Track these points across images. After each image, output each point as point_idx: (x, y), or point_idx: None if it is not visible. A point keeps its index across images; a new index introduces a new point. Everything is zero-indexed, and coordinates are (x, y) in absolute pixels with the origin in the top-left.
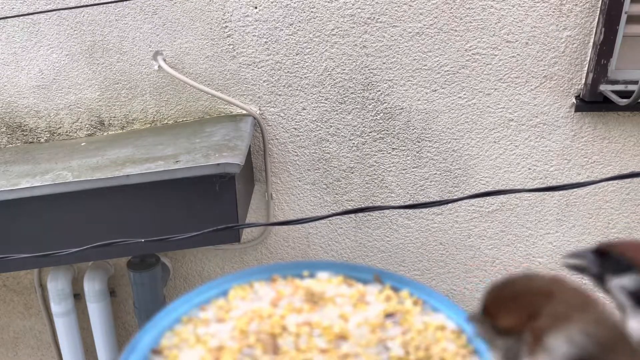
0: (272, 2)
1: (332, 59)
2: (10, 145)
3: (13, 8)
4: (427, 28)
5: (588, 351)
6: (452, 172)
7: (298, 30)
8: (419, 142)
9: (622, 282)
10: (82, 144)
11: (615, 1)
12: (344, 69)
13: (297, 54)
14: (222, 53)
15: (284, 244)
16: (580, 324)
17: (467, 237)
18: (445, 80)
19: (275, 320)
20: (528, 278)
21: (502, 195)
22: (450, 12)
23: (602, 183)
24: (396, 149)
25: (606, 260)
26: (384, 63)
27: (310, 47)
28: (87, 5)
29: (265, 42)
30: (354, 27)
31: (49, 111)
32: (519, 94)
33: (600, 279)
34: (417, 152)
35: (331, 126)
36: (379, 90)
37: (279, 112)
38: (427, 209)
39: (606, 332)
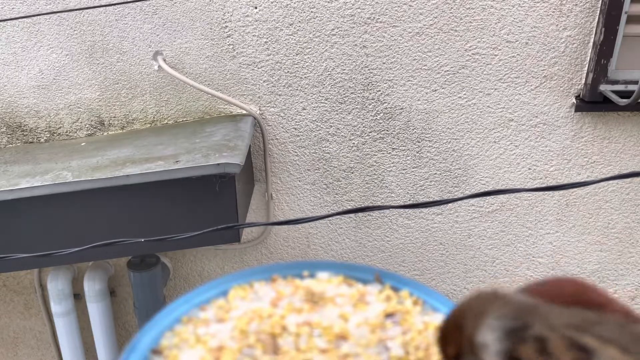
0: (272, 2)
1: (332, 59)
2: (10, 145)
3: (13, 8)
4: (427, 28)
5: (510, 325)
6: (452, 172)
7: (298, 30)
8: (419, 142)
9: None
10: (82, 144)
11: (615, 1)
12: (344, 69)
13: (297, 54)
14: (222, 53)
15: (284, 244)
16: (492, 312)
17: (467, 237)
18: (445, 80)
19: (275, 320)
20: (453, 309)
21: (502, 195)
22: (450, 12)
23: (602, 183)
24: (396, 149)
25: None
26: (384, 63)
27: (310, 47)
28: (87, 8)
29: (265, 42)
30: (354, 27)
31: (49, 111)
32: (519, 94)
33: None
34: (417, 152)
35: (331, 126)
36: (379, 90)
37: (279, 112)
38: (427, 209)
39: (515, 306)
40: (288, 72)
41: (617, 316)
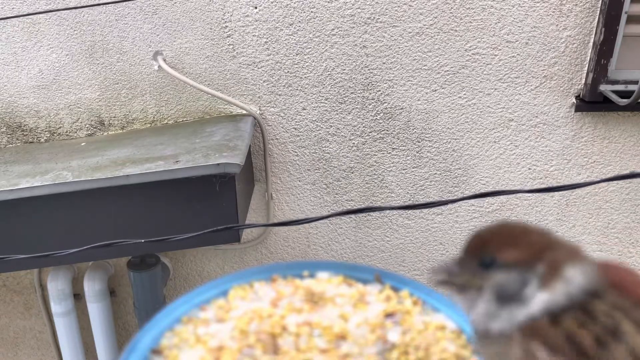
0: (272, 2)
1: (332, 59)
2: (10, 145)
3: (13, 8)
4: (427, 28)
5: (596, 286)
6: (452, 172)
7: (298, 30)
8: (419, 142)
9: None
10: (82, 144)
11: (615, 1)
12: (344, 69)
13: (297, 54)
14: (222, 53)
15: (284, 244)
16: (588, 262)
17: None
18: (445, 80)
19: (275, 320)
20: (521, 222)
21: (502, 195)
22: (450, 12)
23: (602, 183)
24: (396, 149)
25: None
26: (384, 63)
27: (310, 47)
28: (87, 6)
29: (265, 42)
30: (354, 27)
31: (49, 111)
32: (519, 94)
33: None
34: (417, 152)
35: (331, 126)
36: (379, 90)
37: (279, 112)
38: (427, 209)
39: (601, 274)
40: (288, 72)
41: None
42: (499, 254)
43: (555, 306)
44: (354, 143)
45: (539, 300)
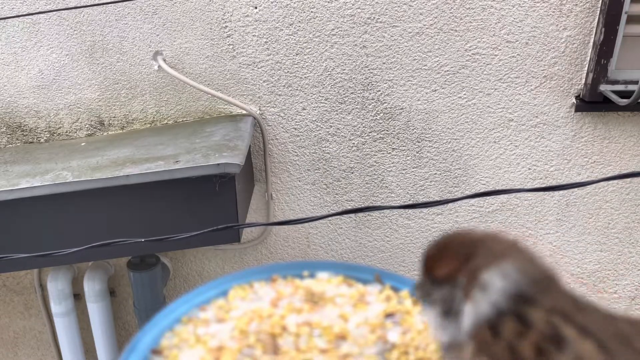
0: (272, 2)
1: (332, 59)
2: (10, 145)
3: (13, 8)
4: (427, 28)
5: (522, 288)
6: (452, 172)
7: (298, 30)
8: (419, 142)
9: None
10: (82, 144)
11: (615, 1)
12: (344, 69)
13: (297, 54)
14: (222, 53)
15: (284, 244)
16: (515, 261)
17: None
18: (445, 80)
19: (275, 320)
20: (461, 232)
21: (502, 195)
22: (450, 12)
23: (602, 183)
24: (396, 149)
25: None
26: (384, 63)
27: (310, 47)
28: (87, 6)
29: (265, 42)
30: (354, 27)
31: (49, 111)
32: (519, 94)
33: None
34: (417, 152)
35: (331, 126)
36: (379, 90)
37: (279, 112)
38: (427, 209)
39: (539, 271)
40: (288, 72)
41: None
42: (433, 272)
43: (483, 316)
44: (354, 143)
45: (466, 312)
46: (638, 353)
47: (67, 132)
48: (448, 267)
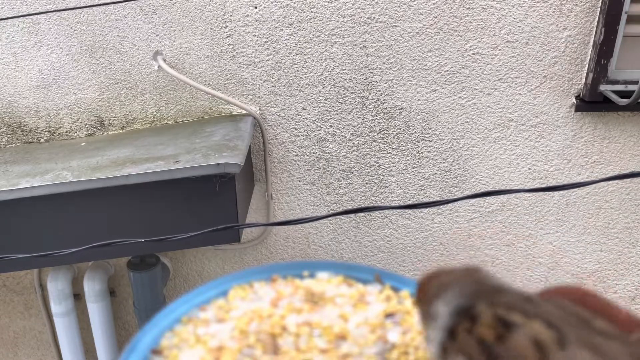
0: (272, 2)
1: (332, 59)
2: (10, 145)
3: (13, 8)
4: (427, 28)
5: (461, 304)
6: (452, 172)
7: (298, 30)
8: (419, 142)
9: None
10: (82, 144)
11: (615, 1)
12: (344, 69)
13: (297, 54)
14: (222, 53)
15: (284, 244)
16: (456, 287)
17: (467, 237)
18: (445, 80)
19: (275, 320)
20: (431, 271)
21: (502, 195)
22: (450, 12)
23: (602, 183)
24: (396, 149)
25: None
26: (384, 63)
27: (310, 47)
28: (87, 6)
29: (265, 42)
30: (354, 27)
31: (49, 111)
32: (519, 94)
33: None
34: (417, 152)
35: (331, 126)
36: (379, 90)
37: (279, 112)
38: (427, 209)
39: (478, 286)
40: (288, 72)
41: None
42: (417, 309)
43: (442, 338)
44: (354, 143)
45: (433, 340)
46: (594, 332)
47: (67, 132)
48: (421, 307)
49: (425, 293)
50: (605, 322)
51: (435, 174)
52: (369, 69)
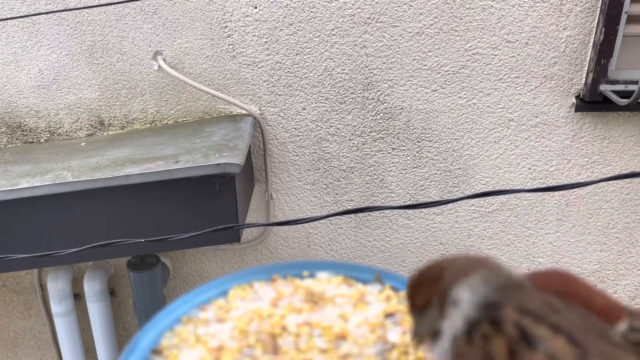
0: (272, 2)
1: (332, 59)
2: (10, 145)
3: (13, 8)
4: (427, 28)
5: (489, 296)
6: (452, 172)
7: (298, 30)
8: (419, 142)
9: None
10: (82, 144)
11: (615, 1)
12: (344, 69)
13: (297, 54)
14: (222, 53)
15: (284, 244)
16: (479, 273)
17: (467, 237)
18: (445, 80)
19: (275, 320)
20: (430, 262)
21: (502, 195)
22: (450, 12)
23: (602, 183)
24: (396, 149)
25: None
26: (384, 63)
27: (310, 47)
28: (87, 7)
29: (265, 42)
30: (354, 27)
31: (49, 111)
32: (519, 94)
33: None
34: (417, 152)
35: (331, 126)
36: (379, 90)
37: (279, 112)
38: (427, 209)
39: (505, 279)
40: (288, 72)
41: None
42: (412, 304)
43: (459, 329)
44: (354, 143)
45: (444, 330)
46: (612, 344)
47: (67, 132)
48: (423, 295)
49: (436, 281)
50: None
51: (435, 174)
52: (369, 69)
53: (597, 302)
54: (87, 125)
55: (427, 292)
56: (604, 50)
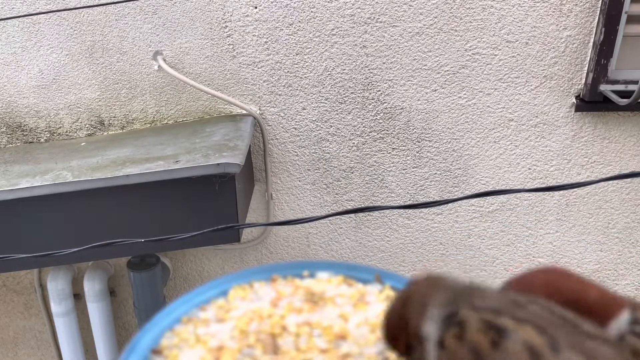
0: (272, 2)
1: (332, 59)
2: (10, 145)
3: (13, 8)
4: (427, 28)
5: (443, 314)
6: (452, 172)
7: (298, 30)
8: (419, 142)
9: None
10: (82, 144)
11: (615, 1)
12: (344, 69)
13: (297, 54)
14: (222, 53)
15: (284, 244)
16: (434, 301)
17: (467, 237)
18: (445, 80)
19: (275, 320)
20: (394, 300)
21: (502, 195)
22: (450, 12)
23: (602, 183)
24: (396, 149)
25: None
26: (384, 63)
27: (310, 47)
28: (87, 6)
29: (265, 42)
30: (354, 27)
31: (49, 111)
32: (519, 94)
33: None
34: (417, 152)
35: (331, 126)
36: (379, 90)
37: (279, 112)
38: (427, 209)
39: (455, 291)
40: (288, 72)
41: (545, 300)
42: (395, 349)
43: (435, 353)
44: (354, 143)
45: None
46: (584, 336)
47: (67, 132)
48: (401, 342)
49: (405, 325)
50: (593, 325)
51: (435, 174)
52: (369, 69)
53: (590, 295)
54: (87, 125)
55: (402, 338)
56: (604, 50)
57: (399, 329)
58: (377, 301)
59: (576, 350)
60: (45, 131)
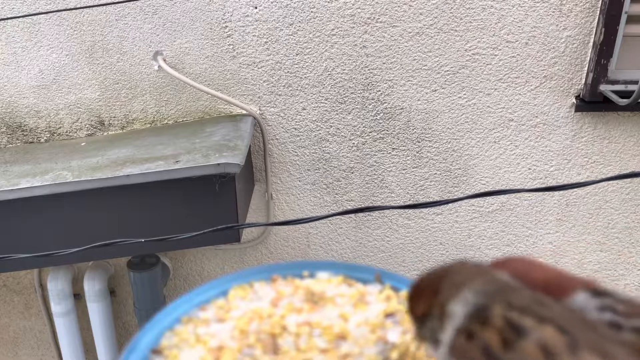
0: (272, 2)
1: (332, 59)
2: (10, 145)
3: (13, 8)
4: (427, 28)
5: (479, 303)
6: (452, 172)
7: (298, 30)
8: (419, 142)
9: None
10: (82, 144)
11: (615, 1)
12: (344, 69)
13: (297, 54)
14: (222, 53)
15: (284, 244)
16: (472, 286)
17: (467, 237)
18: (445, 80)
19: (275, 320)
20: (432, 270)
21: (502, 195)
22: (450, 12)
23: (602, 183)
24: (396, 149)
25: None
26: (384, 63)
27: (310, 47)
28: (87, 6)
29: (265, 42)
30: (354, 27)
31: (49, 111)
32: (519, 94)
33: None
34: (417, 152)
35: (331, 126)
36: (379, 90)
37: (279, 112)
38: (427, 209)
39: (494, 285)
40: (288, 72)
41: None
42: (412, 312)
43: (452, 340)
44: (354, 143)
45: (442, 340)
46: (602, 337)
47: (67, 132)
48: (422, 305)
49: (435, 293)
50: (610, 328)
51: (435, 174)
52: (369, 69)
53: (547, 275)
54: (87, 125)
55: (426, 302)
56: (604, 50)
57: (427, 292)
58: (377, 301)
59: (595, 350)
60: (46, 131)
